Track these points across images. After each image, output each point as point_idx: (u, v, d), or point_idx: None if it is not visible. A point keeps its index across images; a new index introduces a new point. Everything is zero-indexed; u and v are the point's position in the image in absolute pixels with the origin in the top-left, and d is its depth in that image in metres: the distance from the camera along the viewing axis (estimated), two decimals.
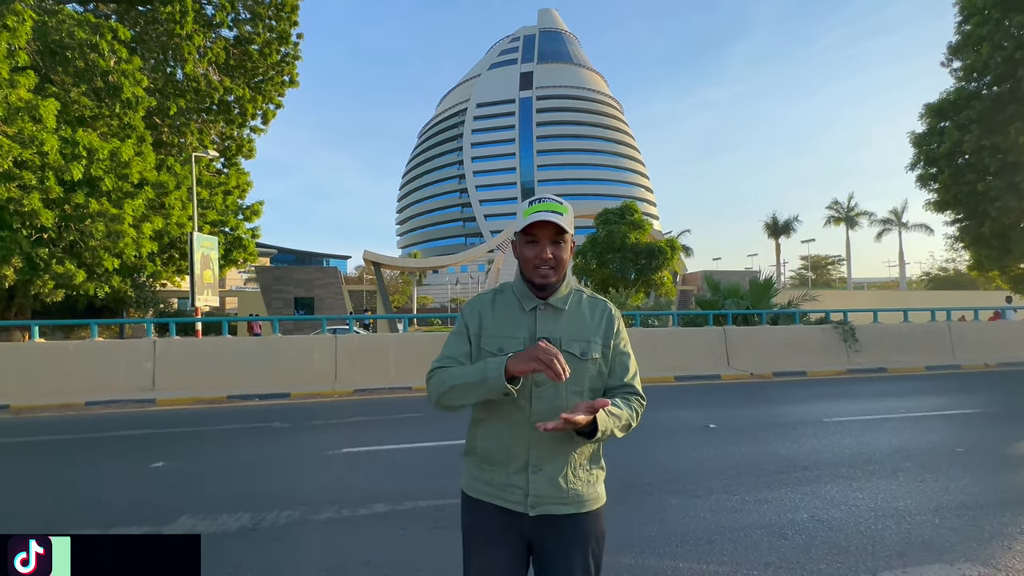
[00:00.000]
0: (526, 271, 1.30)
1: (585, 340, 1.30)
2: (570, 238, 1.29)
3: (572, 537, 1.27)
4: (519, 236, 1.29)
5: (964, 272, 36.72)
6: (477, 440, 1.34)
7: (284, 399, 7.93)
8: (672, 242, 27.11)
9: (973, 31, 18.14)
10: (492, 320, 1.33)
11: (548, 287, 1.30)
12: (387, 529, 3.18)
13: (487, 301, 1.37)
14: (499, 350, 1.28)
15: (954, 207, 20.21)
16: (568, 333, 1.29)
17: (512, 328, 1.30)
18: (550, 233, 1.25)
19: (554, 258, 1.26)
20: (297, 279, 21.71)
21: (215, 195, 18.03)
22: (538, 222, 1.24)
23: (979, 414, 6.35)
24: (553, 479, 1.25)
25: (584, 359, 1.28)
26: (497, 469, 1.29)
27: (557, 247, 1.27)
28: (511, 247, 1.37)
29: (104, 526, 3.24)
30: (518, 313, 1.32)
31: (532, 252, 1.27)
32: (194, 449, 5.35)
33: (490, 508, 1.30)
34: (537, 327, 1.29)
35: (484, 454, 1.31)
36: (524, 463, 1.26)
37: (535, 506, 1.25)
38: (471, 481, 1.34)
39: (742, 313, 11.73)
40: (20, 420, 6.83)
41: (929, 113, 19.77)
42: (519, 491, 1.26)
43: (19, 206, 11.02)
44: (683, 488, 3.79)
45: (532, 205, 1.27)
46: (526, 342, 1.27)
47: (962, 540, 2.93)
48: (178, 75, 16.16)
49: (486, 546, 1.30)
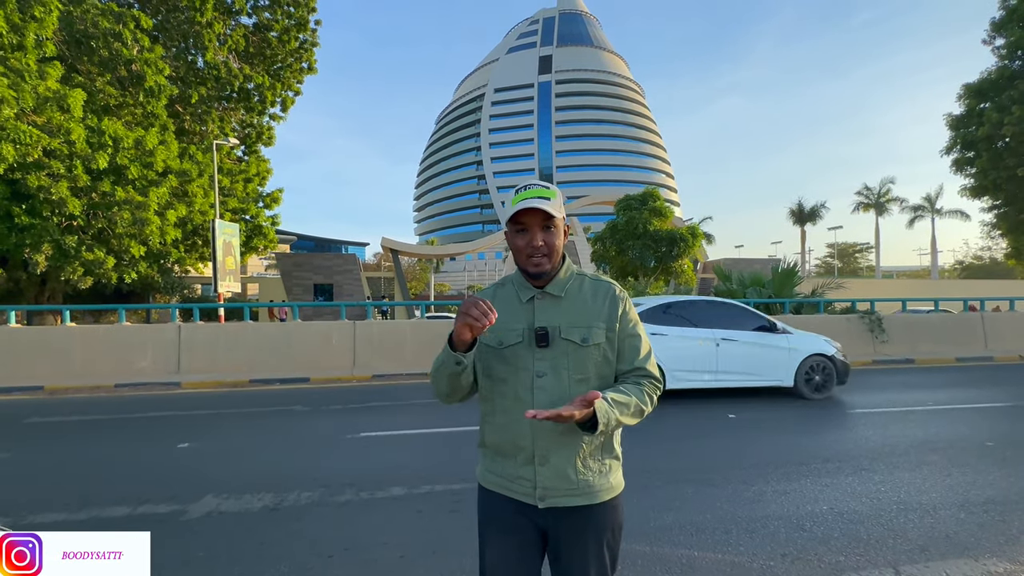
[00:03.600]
0: (519, 261, 1.28)
1: (586, 326, 1.26)
2: (561, 222, 1.26)
3: (584, 528, 1.25)
4: (509, 227, 1.26)
5: (1000, 261, 35.33)
6: (486, 433, 1.34)
7: (304, 383, 8.10)
8: (694, 229, 26.61)
9: (1019, 6, 17.18)
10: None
11: (543, 275, 1.27)
12: (404, 512, 3.23)
13: (489, 294, 1.35)
14: (499, 343, 1.27)
15: (992, 193, 19.42)
16: (567, 320, 1.26)
17: (510, 320, 1.27)
18: (539, 220, 1.22)
19: (545, 245, 1.23)
20: (317, 266, 22.01)
21: (236, 183, 18.33)
22: (525, 210, 1.21)
23: (1011, 407, 6.14)
24: (561, 471, 1.23)
25: (585, 345, 1.25)
26: (506, 461, 1.29)
27: (548, 233, 1.24)
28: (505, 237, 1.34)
29: (134, 504, 3.36)
30: (516, 304, 1.30)
31: (523, 241, 1.24)
32: (218, 431, 5.51)
33: (503, 499, 1.30)
34: (535, 317, 1.27)
35: (494, 447, 1.31)
36: (530, 455, 1.24)
37: (544, 498, 1.24)
38: (484, 473, 1.35)
39: (764, 302, 11.50)
40: (54, 400, 7.12)
41: (968, 94, 18.90)
42: (527, 483, 1.25)
43: (48, 194, 11.36)
44: (700, 477, 3.76)
45: (518, 193, 1.24)
46: (523, 334, 1.26)
47: (988, 536, 2.84)
48: (199, 63, 16.37)
49: (501, 536, 1.29)
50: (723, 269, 13.64)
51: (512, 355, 1.26)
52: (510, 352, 1.26)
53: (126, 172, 12.52)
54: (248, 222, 19.45)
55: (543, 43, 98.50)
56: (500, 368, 1.27)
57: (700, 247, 28.73)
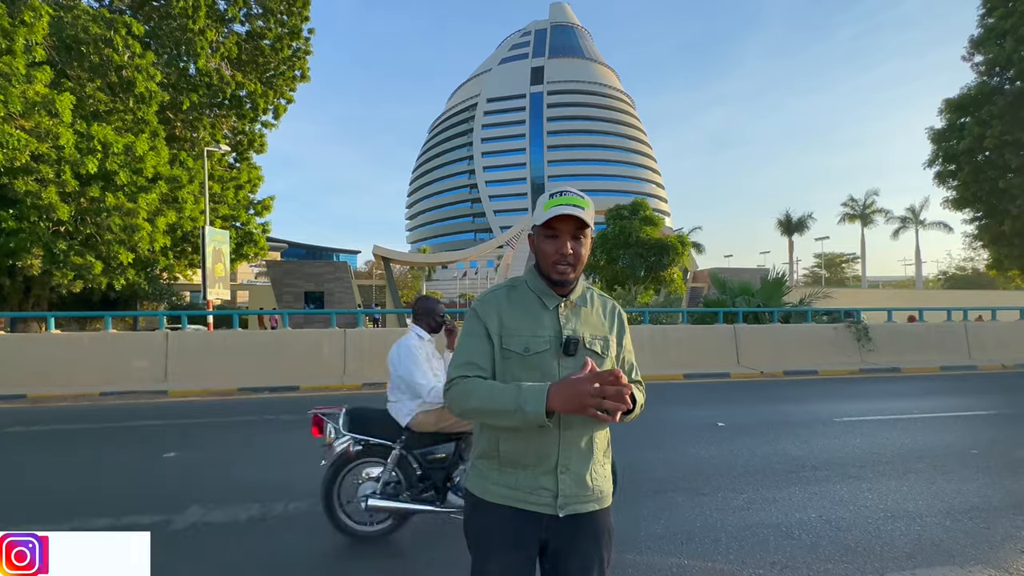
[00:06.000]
0: (545, 266, 1.26)
1: (604, 337, 1.30)
2: (590, 233, 1.27)
3: (591, 533, 1.26)
4: (538, 230, 1.25)
5: (983, 271, 36.00)
6: (500, 443, 1.26)
7: (293, 392, 8.01)
8: (683, 238, 26.89)
9: (997, 24, 17.72)
10: (511, 317, 1.27)
11: (567, 283, 1.27)
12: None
13: (502, 297, 1.31)
14: (524, 350, 1.24)
15: (973, 205, 19.84)
16: (589, 331, 1.28)
17: (535, 326, 1.26)
18: (571, 228, 1.22)
19: (574, 254, 1.23)
20: (307, 273, 21.83)
21: (227, 190, 18.22)
22: (560, 216, 1.20)
23: (995, 415, 6.24)
24: (580, 478, 1.24)
25: (604, 356, 1.28)
26: (523, 472, 1.25)
27: (577, 242, 1.24)
28: (527, 240, 1.33)
29: (118, 514, 3.30)
30: (540, 310, 1.28)
31: (552, 247, 1.23)
32: (205, 440, 5.43)
33: (507, 512, 1.25)
34: (561, 325, 1.26)
35: (509, 457, 1.25)
36: (554, 464, 1.23)
37: (564, 506, 1.23)
38: (488, 485, 1.28)
39: (753, 311, 11.62)
40: (37, 410, 6.97)
41: (949, 108, 19.36)
42: (548, 493, 1.23)
43: (37, 199, 11.21)
44: (690, 486, 3.77)
45: (553, 198, 1.22)
46: (551, 341, 1.25)
47: (974, 543, 2.89)
48: (191, 70, 16.30)
49: (505, 551, 1.26)
50: (720, 278, 13.74)
51: (539, 362, 1.24)
52: (537, 359, 1.24)
53: (115, 178, 12.40)
54: (239, 229, 19.31)
55: (535, 54, 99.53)
56: (524, 375, 1.23)
57: (689, 256, 28.96)
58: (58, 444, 5.22)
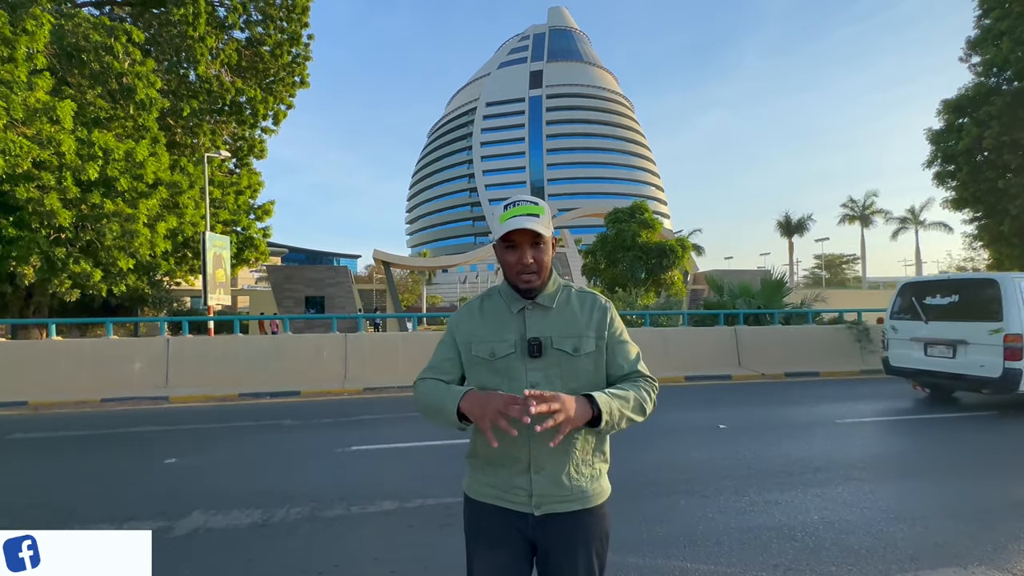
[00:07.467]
0: (509, 276, 1.29)
1: (576, 336, 1.29)
2: (550, 239, 1.27)
3: (575, 535, 1.26)
4: (498, 243, 1.27)
5: (983, 271, 35.97)
6: (478, 444, 1.33)
7: (295, 397, 8.01)
8: (683, 241, 26.90)
9: (993, 25, 17.76)
10: (481, 325, 1.32)
11: (533, 291, 1.29)
12: (395, 526, 3.20)
13: (475, 308, 1.37)
14: (491, 355, 1.28)
15: (972, 205, 19.81)
16: (558, 331, 1.28)
17: (501, 331, 1.29)
18: (528, 238, 1.23)
19: (535, 262, 1.25)
20: (308, 278, 21.85)
21: (227, 195, 18.25)
22: (515, 229, 1.22)
23: (997, 415, 6.23)
24: (556, 478, 1.25)
25: (577, 355, 1.27)
26: (500, 471, 1.29)
27: (537, 250, 1.25)
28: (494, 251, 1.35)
29: (119, 521, 3.30)
30: (506, 315, 1.31)
31: (513, 258, 1.25)
32: (206, 446, 5.42)
33: (492, 510, 1.29)
34: (527, 327, 1.28)
35: (486, 457, 1.31)
36: (526, 464, 1.25)
37: (539, 506, 1.25)
38: (474, 484, 1.35)
39: (753, 313, 11.61)
40: (39, 416, 6.97)
41: (947, 109, 19.37)
42: (523, 492, 1.26)
43: (38, 206, 11.24)
44: (692, 489, 3.76)
45: (508, 209, 1.24)
46: (516, 344, 1.27)
47: (977, 544, 2.88)
48: (191, 76, 16.37)
49: (490, 548, 1.29)
50: (715, 280, 13.75)
51: (504, 366, 1.27)
52: (502, 363, 1.27)
53: (116, 184, 12.44)
54: (239, 234, 19.34)
55: (534, 58, 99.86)
56: (492, 380, 1.27)
57: (690, 259, 28.98)
58: (59, 450, 5.22)
